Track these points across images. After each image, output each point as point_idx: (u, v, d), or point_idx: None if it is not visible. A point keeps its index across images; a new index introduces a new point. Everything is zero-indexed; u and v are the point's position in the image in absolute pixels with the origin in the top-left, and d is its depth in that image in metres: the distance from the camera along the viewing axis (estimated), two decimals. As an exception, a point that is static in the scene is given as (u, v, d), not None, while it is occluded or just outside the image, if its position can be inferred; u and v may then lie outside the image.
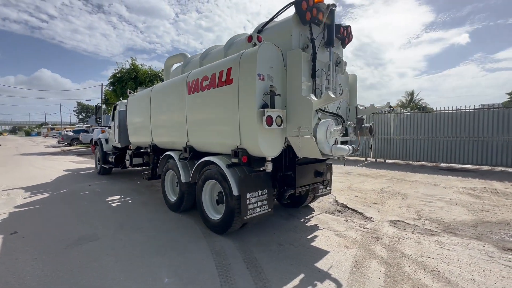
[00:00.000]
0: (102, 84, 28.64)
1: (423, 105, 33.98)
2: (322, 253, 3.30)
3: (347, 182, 7.72)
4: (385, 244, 3.55)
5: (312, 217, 4.70)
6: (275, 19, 3.89)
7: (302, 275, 2.79)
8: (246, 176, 3.47)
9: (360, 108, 4.37)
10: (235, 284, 2.62)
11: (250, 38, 3.20)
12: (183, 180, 4.51)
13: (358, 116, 4.03)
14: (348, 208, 5.24)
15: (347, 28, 4.22)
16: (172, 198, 5.02)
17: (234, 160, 3.46)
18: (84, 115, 75.07)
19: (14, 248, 3.49)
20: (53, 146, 25.56)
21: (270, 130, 3.20)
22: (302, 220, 4.52)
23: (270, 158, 3.37)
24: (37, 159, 14.42)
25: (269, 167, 3.37)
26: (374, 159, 12.44)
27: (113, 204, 5.53)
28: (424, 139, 10.90)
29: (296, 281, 2.67)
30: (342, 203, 5.52)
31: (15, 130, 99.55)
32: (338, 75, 4.10)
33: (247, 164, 3.42)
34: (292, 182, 3.80)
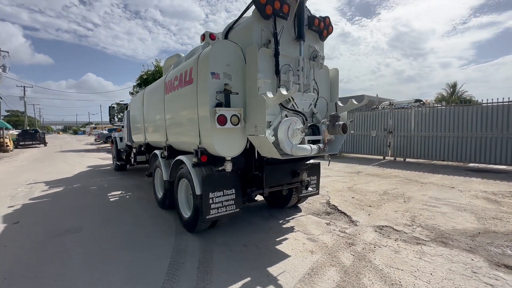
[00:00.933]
0: (133, 86, 30.71)
1: (468, 98, 30.65)
2: (282, 257, 3.17)
3: (351, 182, 7.30)
4: (356, 251, 3.29)
5: (293, 218, 4.54)
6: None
7: (248, 279, 2.71)
8: (209, 175, 3.45)
9: (340, 104, 4.09)
10: (177, 283, 2.64)
11: (203, 36, 3.16)
12: (164, 178, 4.65)
13: (331, 114, 3.79)
14: (338, 210, 4.96)
15: (325, 19, 3.96)
16: (160, 195, 5.20)
17: (194, 160, 3.47)
18: (122, 114, 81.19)
19: (9, 236, 3.90)
20: (91, 144, 28.03)
21: (227, 129, 3.14)
22: (281, 221, 4.39)
23: (229, 158, 3.31)
24: (71, 156, 15.94)
25: (228, 167, 3.32)
26: (392, 158, 11.58)
27: (111, 199, 5.90)
28: (450, 136, 9.85)
29: (238, 285, 2.61)
30: (333, 205, 5.24)
31: (65, 129, 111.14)
32: (314, 70, 3.88)
33: (208, 163, 3.41)
34: (260, 183, 3.69)
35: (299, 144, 3.33)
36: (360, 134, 12.71)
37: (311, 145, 3.31)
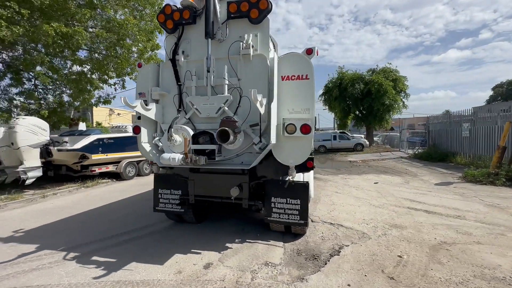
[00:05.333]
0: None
1: None
2: (156, 262, 3.21)
3: (465, 234, 3.79)
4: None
5: (255, 243, 3.78)
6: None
7: (113, 260, 3.26)
8: (160, 174, 4.19)
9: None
10: (100, 240, 3.85)
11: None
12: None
13: (222, 117, 2.99)
14: (328, 259, 3.30)
15: (249, -3, 3.11)
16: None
17: (151, 160, 4.35)
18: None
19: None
20: None
21: (145, 137, 3.75)
22: (237, 240, 3.87)
23: (155, 161, 3.86)
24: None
25: (154, 168, 3.88)
26: None
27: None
28: None
29: (102, 259, 3.29)
30: (339, 250, 3.48)
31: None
32: (237, 65, 3.25)
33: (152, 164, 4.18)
34: (187, 189, 3.76)
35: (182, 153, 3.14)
36: None
37: (172, 154, 2.98)
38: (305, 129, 3.14)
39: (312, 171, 4.70)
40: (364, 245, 3.65)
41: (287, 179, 3.55)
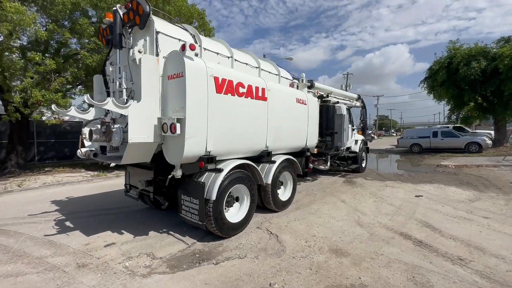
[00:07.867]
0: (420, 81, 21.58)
1: None
2: (87, 232, 4.04)
3: None
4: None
5: (169, 236, 4.00)
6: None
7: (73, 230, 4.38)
8: (127, 165, 5.03)
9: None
10: (87, 217, 5.13)
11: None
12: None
13: (103, 119, 3.36)
14: (205, 265, 3.16)
15: (132, 6, 3.34)
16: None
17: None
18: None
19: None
20: (392, 145, 25.85)
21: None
22: (163, 230, 4.21)
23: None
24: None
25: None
26: None
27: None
28: None
29: (70, 226, 4.45)
30: (225, 261, 3.22)
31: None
32: (131, 70, 3.58)
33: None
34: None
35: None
36: None
37: (81, 149, 3.61)
38: (173, 128, 3.10)
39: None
40: (259, 262, 3.15)
41: (171, 176, 3.56)
